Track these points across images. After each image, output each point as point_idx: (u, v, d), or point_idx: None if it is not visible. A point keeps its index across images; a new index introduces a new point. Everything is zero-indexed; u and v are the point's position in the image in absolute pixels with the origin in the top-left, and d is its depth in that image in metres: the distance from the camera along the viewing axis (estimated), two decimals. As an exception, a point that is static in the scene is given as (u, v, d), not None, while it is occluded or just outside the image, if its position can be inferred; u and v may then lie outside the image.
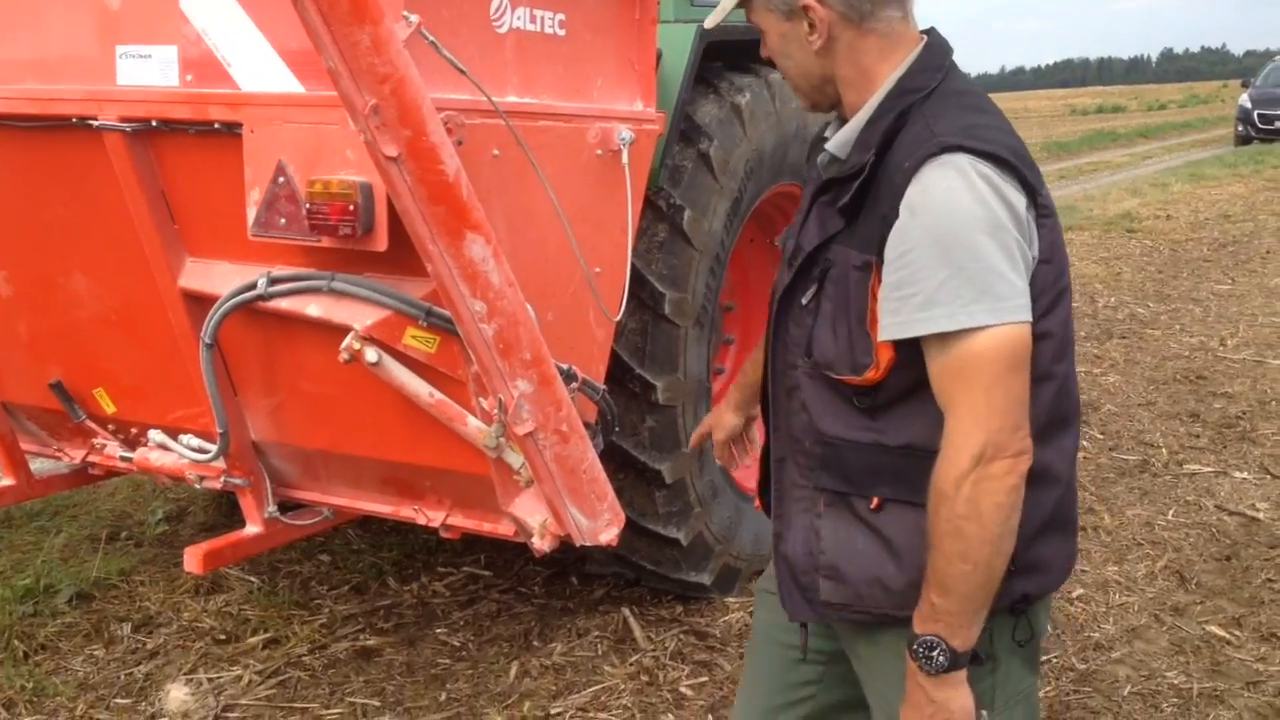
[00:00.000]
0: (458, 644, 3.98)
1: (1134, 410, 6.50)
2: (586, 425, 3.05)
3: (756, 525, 4.25)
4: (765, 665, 2.12)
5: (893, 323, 1.64)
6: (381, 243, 2.47)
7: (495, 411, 2.59)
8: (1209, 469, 5.59)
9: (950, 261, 1.58)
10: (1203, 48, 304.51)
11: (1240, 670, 3.77)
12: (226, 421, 2.93)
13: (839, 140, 1.81)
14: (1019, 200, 1.64)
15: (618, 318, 3.06)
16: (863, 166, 1.70)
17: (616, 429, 3.23)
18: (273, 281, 2.68)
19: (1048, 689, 3.67)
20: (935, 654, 1.65)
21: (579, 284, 2.98)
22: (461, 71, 2.37)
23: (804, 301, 1.80)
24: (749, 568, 4.26)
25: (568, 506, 2.71)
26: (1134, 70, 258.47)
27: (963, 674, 1.68)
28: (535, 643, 3.98)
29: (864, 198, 1.71)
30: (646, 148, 3.21)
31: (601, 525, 2.76)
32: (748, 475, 4.46)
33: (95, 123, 2.69)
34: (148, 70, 2.67)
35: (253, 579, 4.38)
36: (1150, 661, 3.83)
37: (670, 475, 3.74)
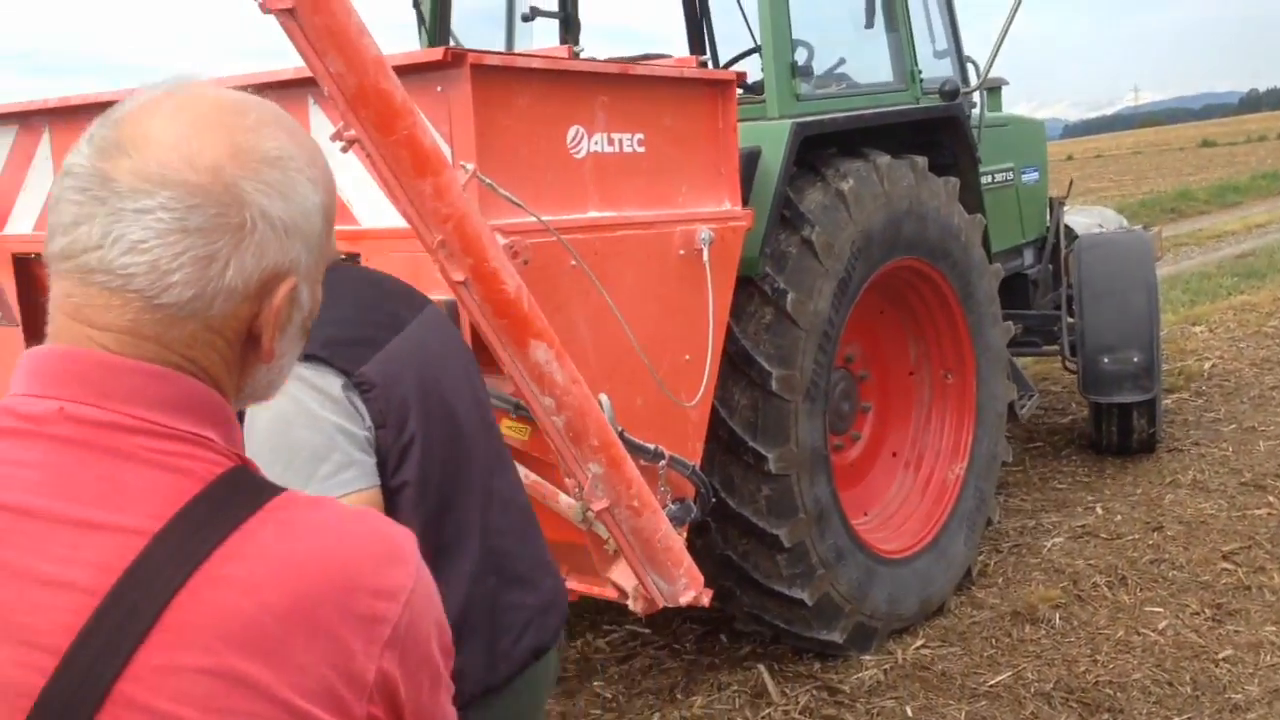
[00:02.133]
0: (610, 696, 4.35)
1: (1340, 461, 6.21)
2: (680, 500, 3.38)
3: (890, 586, 4.44)
4: None
5: None
6: (466, 350, 2.90)
7: (576, 491, 2.96)
8: None
9: (278, 460, 1.80)
10: None
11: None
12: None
13: None
14: (333, 385, 1.87)
15: (692, 403, 3.38)
16: None
17: (713, 501, 3.53)
18: (396, 382, 3.16)
19: (1173, 750, 3.69)
20: None
21: (667, 371, 3.33)
22: (517, 205, 2.78)
23: None
24: (885, 626, 4.44)
25: (648, 572, 3.04)
26: None
27: None
28: (679, 696, 4.30)
29: None
30: (732, 243, 3.53)
31: (680, 588, 3.07)
32: (883, 538, 4.66)
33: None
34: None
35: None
36: (1288, 723, 3.77)
37: (789, 539, 4.00)
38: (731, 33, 5.85)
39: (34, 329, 3.96)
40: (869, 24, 4.87)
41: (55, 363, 0.99)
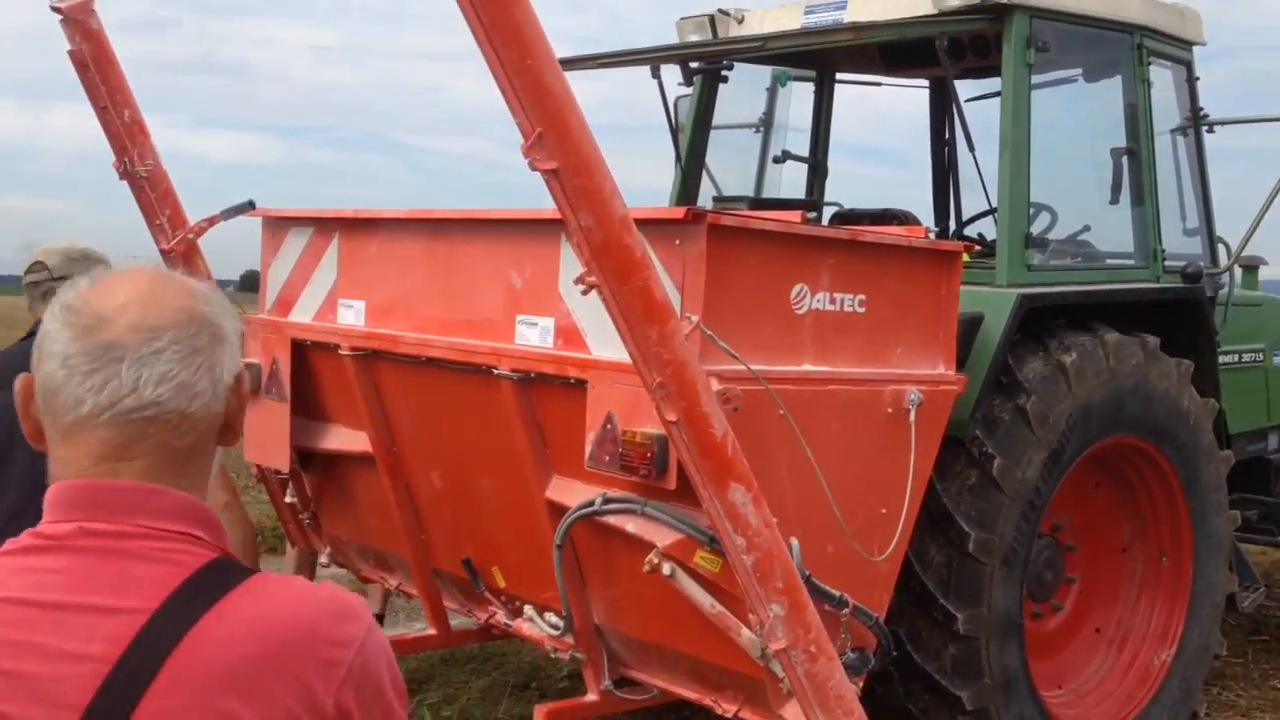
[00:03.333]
0: (775, 830, 4.39)
1: None
2: (860, 649, 3.47)
3: (1076, 766, 4.33)
4: None
5: None
6: (671, 483, 3.12)
7: (758, 627, 3.11)
8: None
9: None
10: None
11: None
12: (570, 606, 3.67)
13: None
14: None
15: (881, 557, 3.47)
16: None
17: (894, 654, 3.60)
18: (606, 501, 3.41)
19: None
20: None
21: (861, 523, 3.45)
22: (734, 357, 3.00)
23: None
24: (1065, 807, 4.33)
25: (818, 717, 3.14)
26: None
27: None
28: (844, 843, 4.30)
29: None
30: (941, 405, 3.64)
31: (847, 739, 3.15)
32: (1077, 715, 4.57)
33: (496, 370, 3.60)
34: (534, 334, 3.56)
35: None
36: None
37: (971, 702, 3.99)
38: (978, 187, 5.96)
39: (300, 405, 4.45)
40: (1114, 200, 4.89)
41: (71, 494, 1.29)
